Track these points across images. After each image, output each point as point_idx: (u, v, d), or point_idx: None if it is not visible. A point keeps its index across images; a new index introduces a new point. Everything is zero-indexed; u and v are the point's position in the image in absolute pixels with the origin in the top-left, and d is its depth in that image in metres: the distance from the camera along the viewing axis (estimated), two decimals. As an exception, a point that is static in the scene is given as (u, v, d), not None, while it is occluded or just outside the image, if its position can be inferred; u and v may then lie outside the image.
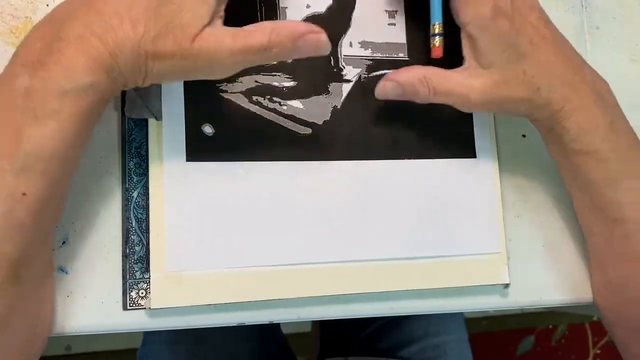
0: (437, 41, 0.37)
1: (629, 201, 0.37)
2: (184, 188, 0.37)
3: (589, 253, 0.42)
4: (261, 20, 0.39)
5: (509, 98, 0.37)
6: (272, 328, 0.69)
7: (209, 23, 0.31)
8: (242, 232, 0.37)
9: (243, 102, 0.38)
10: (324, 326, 0.75)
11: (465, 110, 0.38)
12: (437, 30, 0.37)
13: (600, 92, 0.38)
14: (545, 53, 0.36)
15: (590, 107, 0.37)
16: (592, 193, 0.38)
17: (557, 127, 0.37)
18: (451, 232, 0.41)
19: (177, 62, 0.31)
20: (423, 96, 0.37)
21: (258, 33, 0.32)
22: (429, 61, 0.38)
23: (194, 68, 0.32)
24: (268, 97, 0.39)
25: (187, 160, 0.37)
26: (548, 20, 0.38)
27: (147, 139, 0.37)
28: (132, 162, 0.37)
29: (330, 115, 0.40)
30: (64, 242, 0.36)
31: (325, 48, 0.33)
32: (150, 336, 0.64)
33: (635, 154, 0.38)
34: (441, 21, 0.37)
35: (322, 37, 0.33)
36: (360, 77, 0.41)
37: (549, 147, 0.40)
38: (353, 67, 0.41)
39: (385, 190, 0.40)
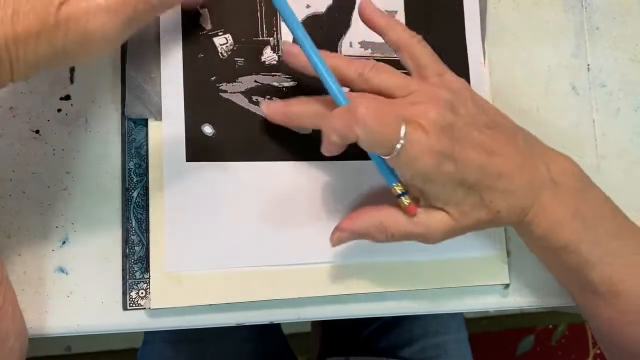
0: (406, 200, 0.35)
1: (603, 276, 0.36)
2: (184, 188, 0.37)
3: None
4: (261, 20, 0.39)
5: (470, 226, 0.35)
6: (272, 328, 0.69)
7: None
8: (242, 232, 0.37)
9: (243, 102, 0.38)
10: (325, 326, 0.75)
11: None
12: (399, 191, 0.35)
13: (558, 181, 0.36)
14: (497, 169, 0.34)
15: (549, 206, 0.35)
16: (570, 276, 0.38)
17: (523, 230, 0.37)
18: (451, 232, 0.41)
19: (44, 43, 0.26)
20: (381, 241, 0.36)
21: None
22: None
23: (68, 45, 0.26)
24: (268, 97, 0.39)
25: (187, 160, 0.37)
26: (490, 122, 0.35)
27: (147, 139, 0.37)
28: (132, 162, 0.37)
29: (330, 115, 0.40)
30: (64, 242, 0.36)
31: None
32: (150, 336, 0.64)
33: (605, 229, 0.37)
34: (397, 181, 0.35)
35: None
36: (360, 77, 0.41)
37: (521, 238, 0.39)
38: (353, 67, 0.41)
39: (385, 191, 0.40)
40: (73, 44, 0.26)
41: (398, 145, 0.31)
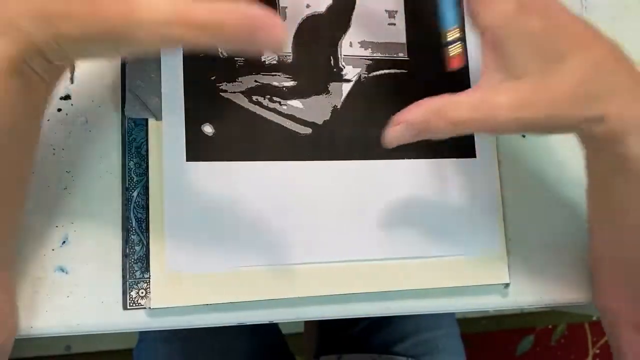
0: (454, 49, 0.31)
1: None
2: (184, 188, 0.37)
3: (608, 281, 0.38)
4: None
5: (551, 111, 0.29)
6: (267, 325, 0.69)
7: None
8: (241, 232, 0.37)
9: (243, 102, 0.38)
10: (320, 325, 0.75)
11: (494, 134, 0.32)
12: (450, 37, 0.31)
13: None
14: (596, 51, 0.29)
15: None
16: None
17: (611, 147, 0.30)
18: (451, 231, 0.41)
19: None
20: (442, 131, 0.31)
21: None
22: (430, 63, 0.38)
23: None
24: (268, 97, 0.39)
25: (187, 160, 0.37)
26: (588, 22, 0.31)
27: (147, 139, 0.37)
28: (132, 161, 0.37)
29: (330, 115, 0.40)
30: (64, 242, 0.36)
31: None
32: (145, 335, 0.64)
33: None
34: (456, 26, 0.31)
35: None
36: (360, 76, 0.41)
37: (592, 167, 0.33)
38: (353, 67, 0.41)
39: (385, 190, 0.40)
40: None
41: None
